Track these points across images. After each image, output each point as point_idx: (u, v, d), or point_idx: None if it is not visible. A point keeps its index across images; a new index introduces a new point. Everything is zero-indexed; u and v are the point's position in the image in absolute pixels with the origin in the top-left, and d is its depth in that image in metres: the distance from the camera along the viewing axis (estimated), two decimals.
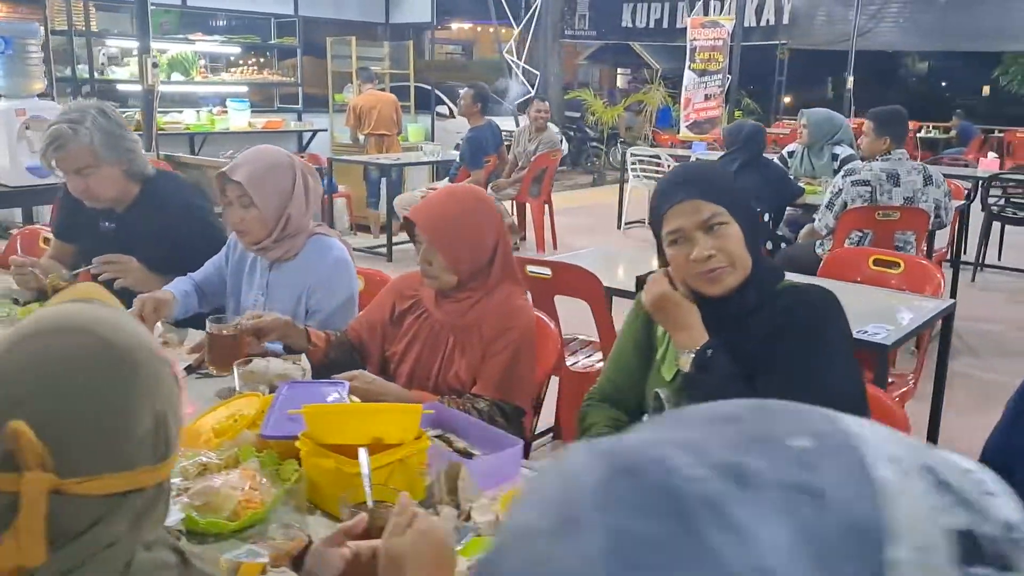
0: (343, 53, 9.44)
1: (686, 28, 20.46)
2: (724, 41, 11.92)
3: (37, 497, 0.76)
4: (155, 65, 5.57)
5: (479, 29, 22.93)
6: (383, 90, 9.03)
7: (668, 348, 1.70)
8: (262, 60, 9.18)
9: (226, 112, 8.01)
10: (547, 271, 2.95)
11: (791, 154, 5.69)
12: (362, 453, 1.32)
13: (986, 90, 26.57)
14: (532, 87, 10.33)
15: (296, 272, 2.35)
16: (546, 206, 7.40)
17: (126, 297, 2.43)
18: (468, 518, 1.40)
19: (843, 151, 5.43)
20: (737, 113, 14.07)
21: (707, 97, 12.05)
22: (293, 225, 2.31)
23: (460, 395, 2.04)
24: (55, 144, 2.44)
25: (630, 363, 1.79)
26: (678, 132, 14.76)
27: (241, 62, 9.09)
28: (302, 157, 7.76)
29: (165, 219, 2.60)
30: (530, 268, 2.97)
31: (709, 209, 1.59)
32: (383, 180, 8.37)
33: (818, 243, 4.61)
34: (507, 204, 7.45)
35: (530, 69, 10.50)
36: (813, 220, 5.30)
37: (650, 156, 8.34)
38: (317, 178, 2.37)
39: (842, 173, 4.44)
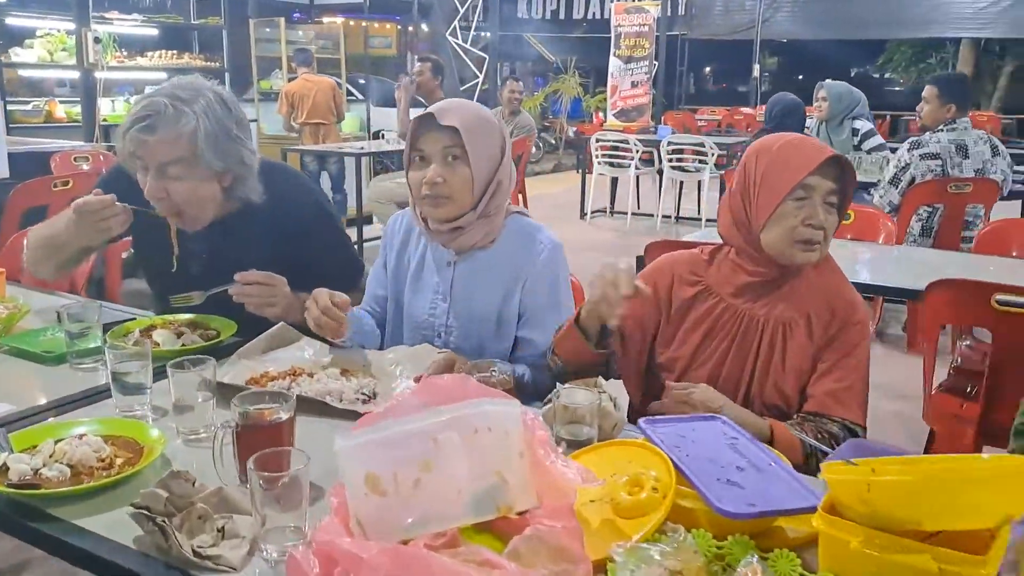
0: (269, 37, 8.62)
1: (582, 20, 20.54)
2: (650, 27, 11.70)
3: None
4: (97, 40, 4.68)
5: (352, 23, 22.17)
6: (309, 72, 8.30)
7: None
8: (178, 42, 8.20)
9: None
10: None
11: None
12: None
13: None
14: (480, 72, 9.75)
15: (496, 263, 1.78)
16: (519, 196, 6.88)
17: (253, 325, 1.80)
18: None
19: (863, 125, 5.20)
20: None
21: (634, 84, 11.81)
22: (501, 196, 1.75)
23: (785, 415, 1.54)
24: (144, 122, 1.71)
25: None
26: (589, 122, 14.60)
27: (150, 47, 8.05)
28: None
29: (282, 214, 1.94)
30: (1001, 298, 2.02)
31: None
32: (324, 173, 7.70)
33: None
34: None
35: (479, 53, 9.91)
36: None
37: (617, 141, 7.95)
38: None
39: (907, 145, 4.17)
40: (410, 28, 16.76)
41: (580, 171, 8.51)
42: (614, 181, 8.38)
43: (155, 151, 1.74)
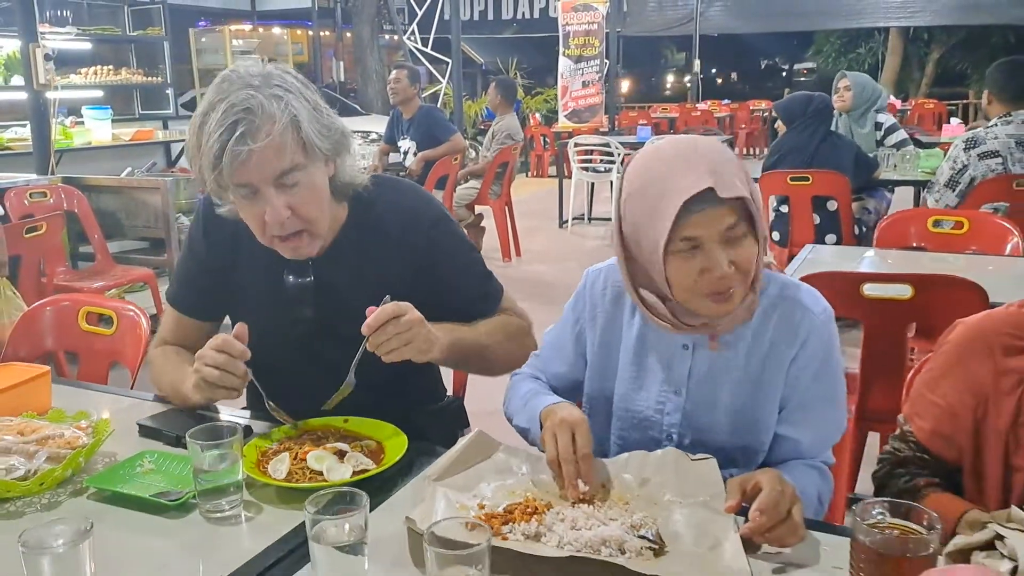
0: (209, 47, 8.01)
1: (511, 20, 20.24)
2: (599, 25, 11.42)
3: None
4: (48, 57, 4.05)
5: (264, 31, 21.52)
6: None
7: None
8: (112, 56, 7.47)
9: (82, 122, 6.38)
10: (904, 289, 2.05)
11: None
12: None
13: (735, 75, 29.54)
14: (443, 77, 9.25)
15: (752, 343, 1.33)
16: (506, 209, 6.43)
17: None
18: None
19: (886, 119, 4.95)
20: None
21: (585, 84, 11.54)
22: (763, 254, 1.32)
23: None
24: (245, 124, 1.27)
25: None
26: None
27: (85, 63, 7.31)
28: (173, 172, 6.35)
29: (401, 221, 1.53)
30: (870, 287, 2.08)
31: None
32: None
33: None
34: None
35: (439, 56, 9.42)
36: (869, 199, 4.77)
37: (598, 145, 7.57)
38: None
39: (962, 145, 3.86)
40: (323, 33, 16.10)
41: (558, 177, 8.10)
42: (591, 186, 8.04)
43: (265, 163, 1.30)
